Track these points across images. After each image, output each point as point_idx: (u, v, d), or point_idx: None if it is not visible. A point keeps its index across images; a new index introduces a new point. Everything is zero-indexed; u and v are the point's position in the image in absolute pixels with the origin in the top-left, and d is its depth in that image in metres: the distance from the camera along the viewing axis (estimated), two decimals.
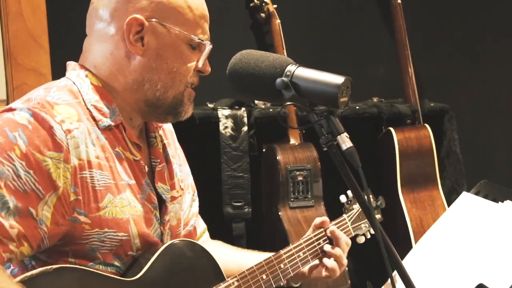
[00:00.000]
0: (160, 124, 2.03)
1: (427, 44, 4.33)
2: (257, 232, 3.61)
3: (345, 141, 1.56)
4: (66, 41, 3.19)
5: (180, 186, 2.03)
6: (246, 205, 3.56)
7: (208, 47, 1.88)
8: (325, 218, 2.22)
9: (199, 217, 2.21)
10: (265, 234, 3.67)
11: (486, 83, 4.49)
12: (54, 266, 1.64)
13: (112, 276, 1.75)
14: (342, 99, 1.58)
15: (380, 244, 1.56)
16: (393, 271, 1.58)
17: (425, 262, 2.30)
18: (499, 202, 2.24)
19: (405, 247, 2.52)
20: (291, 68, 1.64)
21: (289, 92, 1.62)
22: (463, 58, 4.42)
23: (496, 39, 4.48)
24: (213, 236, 2.31)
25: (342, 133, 1.57)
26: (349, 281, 3.37)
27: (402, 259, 2.39)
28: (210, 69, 1.93)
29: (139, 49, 1.82)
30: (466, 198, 2.38)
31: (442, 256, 2.27)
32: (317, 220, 2.22)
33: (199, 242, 2.15)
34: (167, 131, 2.08)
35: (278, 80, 1.63)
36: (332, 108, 1.59)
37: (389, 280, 1.59)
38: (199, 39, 1.85)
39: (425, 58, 4.25)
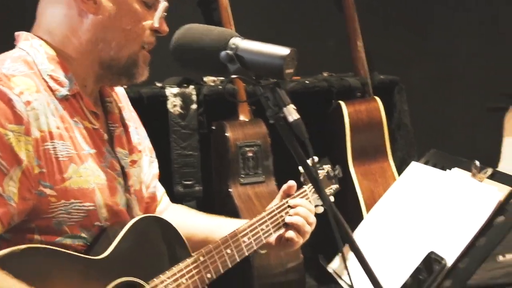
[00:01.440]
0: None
1: (376, 17, 4.33)
2: (208, 210, 3.55)
3: (291, 113, 1.54)
4: (7, 20, 3.12)
5: (138, 149, 2.01)
6: (196, 184, 3.54)
7: (162, 3, 1.85)
8: (292, 182, 2.19)
9: (157, 180, 2.19)
10: (216, 211, 3.64)
11: (435, 54, 4.51)
12: (22, 247, 1.58)
13: (80, 255, 1.71)
14: (287, 71, 1.56)
15: (329, 216, 1.55)
16: (344, 244, 1.57)
17: (377, 232, 2.31)
18: (447, 170, 2.25)
19: (357, 219, 2.52)
20: (236, 40, 1.61)
21: (234, 65, 1.60)
22: (412, 30, 4.44)
23: (443, 11, 4.51)
24: None
25: (288, 104, 1.55)
26: (301, 255, 3.37)
27: (353, 231, 2.41)
28: (167, 29, 1.88)
29: (91, 7, 1.78)
30: (415, 168, 2.40)
31: (393, 226, 2.28)
32: (284, 186, 2.19)
33: (161, 205, 2.16)
34: (120, 95, 2.04)
35: (223, 53, 1.60)
36: (278, 80, 1.57)
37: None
38: None
39: (375, 31, 4.25)
